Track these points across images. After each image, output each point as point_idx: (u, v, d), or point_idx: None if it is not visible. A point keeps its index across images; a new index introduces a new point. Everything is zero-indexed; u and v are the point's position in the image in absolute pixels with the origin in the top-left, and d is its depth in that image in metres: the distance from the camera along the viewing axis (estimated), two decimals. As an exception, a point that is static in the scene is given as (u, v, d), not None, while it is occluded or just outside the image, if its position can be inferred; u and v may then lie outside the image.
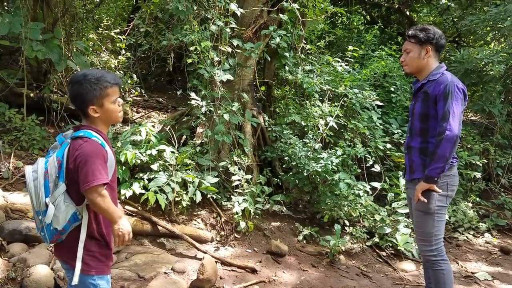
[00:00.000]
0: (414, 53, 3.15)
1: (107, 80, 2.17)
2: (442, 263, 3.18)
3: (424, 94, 3.09)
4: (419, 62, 3.15)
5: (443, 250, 3.21)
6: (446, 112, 2.92)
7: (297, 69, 6.06)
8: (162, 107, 9.14)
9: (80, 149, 2.07)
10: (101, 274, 2.22)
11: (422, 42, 3.11)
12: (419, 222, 3.20)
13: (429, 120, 3.07)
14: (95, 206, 2.09)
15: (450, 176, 3.10)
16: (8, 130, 5.71)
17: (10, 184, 4.83)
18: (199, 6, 5.29)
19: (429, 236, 3.15)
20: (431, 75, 3.11)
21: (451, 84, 2.96)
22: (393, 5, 11.72)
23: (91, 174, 2.04)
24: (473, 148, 7.02)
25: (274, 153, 5.82)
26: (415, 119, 3.18)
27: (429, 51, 3.11)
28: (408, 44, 3.18)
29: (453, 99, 2.93)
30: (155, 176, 4.65)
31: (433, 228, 3.13)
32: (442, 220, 3.17)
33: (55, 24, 6.22)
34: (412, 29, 3.20)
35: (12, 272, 3.39)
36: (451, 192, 3.13)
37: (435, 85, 3.02)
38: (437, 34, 3.11)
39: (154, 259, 4.16)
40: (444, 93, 2.94)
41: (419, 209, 3.14)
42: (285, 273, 4.43)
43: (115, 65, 7.56)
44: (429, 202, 3.06)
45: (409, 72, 3.25)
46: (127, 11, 11.08)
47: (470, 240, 5.92)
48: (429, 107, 3.05)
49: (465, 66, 7.67)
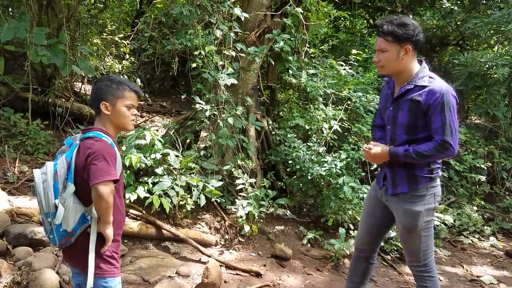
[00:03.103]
0: (392, 53, 2.66)
1: (128, 84, 2.27)
2: (428, 279, 2.90)
3: (413, 103, 2.67)
4: (397, 64, 2.69)
5: (432, 265, 2.91)
6: (447, 126, 2.57)
7: (301, 73, 6.07)
8: (166, 111, 9.16)
9: (92, 147, 2.10)
10: (113, 277, 2.23)
11: (401, 40, 2.63)
12: (405, 240, 2.92)
13: (418, 131, 2.71)
14: (101, 200, 2.07)
15: (436, 187, 2.82)
16: (13, 134, 5.74)
17: (16, 189, 4.85)
18: (203, 10, 5.31)
19: (416, 253, 2.86)
20: (417, 78, 2.69)
21: (447, 93, 2.60)
22: (396, 8, 11.73)
23: (104, 169, 2.06)
24: (478, 151, 7.00)
25: (278, 156, 5.83)
26: (398, 129, 2.79)
27: (409, 50, 2.66)
28: (384, 43, 2.67)
29: (451, 111, 2.59)
30: (159, 180, 4.66)
31: (420, 244, 2.82)
32: (430, 234, 2.85)
33: (60, 29, 6.26)
34: (386, 23, 2.66)
35: (17, 276, 3.40)
36: (437, 204, 2.85)
37: (428, 93, 2.62)
38: (416, 30, 2.66)
39: (159, 262, 4.16)
40: (442, 103, 2.57)
41: (404, 226, 2.83)
42: (289, 277, 4.43)
43: (119, 70, 7.60)
44: (417, 219, 2.75)
45: (384, 75, 2.86)
46: (131, 16, 11.13)
47: (475, 244, 5.89)
48: (418, 118, 2.67)
49: (469, 69, 7.67)
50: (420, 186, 2.76)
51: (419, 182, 2.76)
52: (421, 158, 2.65)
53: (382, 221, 3.08)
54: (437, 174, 2.81)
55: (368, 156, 2.92)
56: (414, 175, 2.77)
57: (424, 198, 2.77)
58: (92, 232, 2.15)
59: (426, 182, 2.76)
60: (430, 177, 2.77)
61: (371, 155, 2.87)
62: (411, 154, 2.66)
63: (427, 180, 2.76)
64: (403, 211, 2.82)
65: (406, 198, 2.80)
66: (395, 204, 2.88)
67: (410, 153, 2.66)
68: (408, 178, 2.79)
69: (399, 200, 2.83)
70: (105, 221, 2.15)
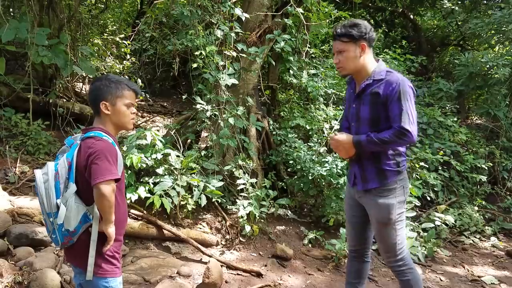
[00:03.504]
0: (349, 52, 2.81)
1: (126, 83, 2.28)
2: (408, 272, 2.99)
3: (373, 96, 2.80)
4: (356, 62, 2.83)
5: (409, 258, 3.02)
6: (403, 113, 2.68)
7: (302, 73, 6.07)
8: (167, 112, 9.17)
9: (93, 147, 2.10)
10: (114, 277, 2.23)
11: (356, 39, 2.78)
12: (380, 234, 2.97)
13: (380, 123, 2.81)
14: (103, 199, 2.07)
15: (404, 180, 2.92)
16: (14, 135, 5.74)
17: (17, 189, 4.86)
18: (204, 11, 5.32)
19: (392, 247, 2.94)
20: (375, 74, 2.83)
21: (403, 83, 2.72)
22: (397, 9, 11.74)
23: (105, 168, 2.06)
24: (479, 151, 7.00)
25: (278, 157, 5.83)
26: (362, 124, 2.88)
27: (365, 47, 2.81)
28: (341, 44, 2.83)
29: (408, 100, 2.70)
30: (160, 180, 4.66)
31: (395, 237, 2.91)
32: (403, 227, 2.96)
33: (61, 29, 6.27)
34: (340, 27, 2.85)
35: (18, 276, 3.40)
36: (407, 196, 2.97)
37: (386, 85, 2.75)
38: (368, 28, 2.82)
39: (160, 263, 4.16)
40: (398, 92, 2.69)
41: (379, 221, 2.91)
42: (290, 277, 4.43)
43: (120, 70, 7.61)
44: (389, 212, 2.85)
45: (346, 74, 2.97)
46: (132, 16, 11.15)
47: (476, 244, 5.88)
48: (380, 110, 2.79)
49: (470, 69, 7.68)
50: (390, 180, 2.86)
51: (388, 176, 2.86)
52: (383, 144, 2.74)
53: (363, 220, 3.13)
54: (403, 167, 2.92)
55: (334, 143, 2.99)
56: (383, 169, 2.86)
57: (395, 191, 2.87)
58: (93, 231, 2.15)
59: (395, 176, 2.87)
60: (398, 170, 2.88)
61: (336, 141, 2.95)
62: (373, 139, 2.75)
63: (395, 174, 2.87)
64: (376, 206, 2.90)
65: (377, 192, 2.89)
66: (367, 200, 2.96)
67: (372, 138, 2.76)
68: (377, 174, 2.88)
69: (371, 195, 2.92)
70: (107, 220, 2.15)
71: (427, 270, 4.96)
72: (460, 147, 6.87)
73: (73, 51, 6.21)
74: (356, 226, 3.16)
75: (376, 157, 2.87)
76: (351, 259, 3.30)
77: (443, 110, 7.55)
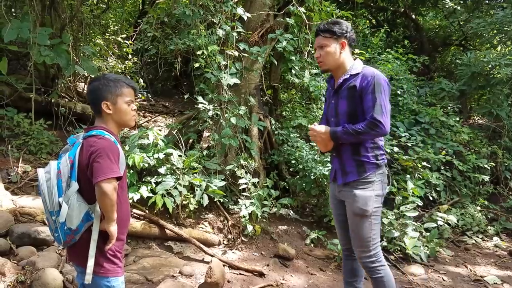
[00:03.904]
0: (330, 47, 2.92)
1: (124, 81, 2.28)
2: (380, 269, 2.97)
3: (350, 90, 2.88)
4: (335, 58, 2.94)
5: (381, 255, 3.01)
6: (377, 105, 2.74)
7: (304, 73, 6.07)
8: (169, 111, 9.18)
9: (95, 145, 2.10)
10: (116, 276, 2.23)
11: (337, 36, 2.91)
12: (355, 227, 2.97)
13: (358, 117, 2.86)
14: (105, 198, 2.07)
15: (383, 174, 2.96)
16: (17, 134, 5.75)
17: (19, 188, 4.86)
18: (206, 10, 5.32)
19: (366, 241, 2.93)
20: (352, 69, 2.92)
21: (378, 77, 2.80)
22: (399, 9, 11.72)
23: (107, 166, 2.06)
24: (481, 151, 6.98)
25: (280, 156, 5.82)
26: (341, 118, 2.95)
27: (344, 45, 2.93)
28: (323, 40, 2.94)
29: (382, 93, 2.77)
30: (162, 179, 4.66)
31: (370, 231, 2.92)
32: (378, 222, 2.97)
33: (63, 29, 6.27)
34: (323, 24, 2.99)
35: (21, 275, 3.40)
36: (385, 191, 2.98)
37: (362, 78, 2.84)
38: (349, 28, 2.94)
39: (162, 262, 4.16)
40: (372, 85, 2.77)
41: (356, 212, 2.92)
42: (293, 276, 4.42)
43: (122, 70, 7.61)
44: (367, 204, 2.88)
45: (326, 69, 3.04)
46: (133, 16, 11.16)
47: (479, 244, 5.87)
48: (357, 103, 2.86)
49: (472, 69, 7.66)
50: (369, 173, 2.90)
51: (367, 169, 2.90)
52: (357, 134, 2.78)
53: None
54: (382, 161, 2.95)
55: (312, 133, 3.03)
56: (362, 161, 2.91)
57: (373, 184, 2.91)
58: (94, 229, 2.15)
59: (374, 169, 2.90)
60: (377, 164, 2.91)
61: (314, 131, 3.00)
62: (348, 130, 2.80)
63: (374, 167, 2.90)
64: (354, 197, 2.92)
65: (356, 185, 2.92)
66: (346, 193, 2.99)
67: (347, 129, 2.81)
68: (356, 166, 2.92)
69: (350, 188, 2.95)
70: (109, 218, 2.15)
71: (430, 270, 4.94)
72: (462, 147, 6.85)
73: (75, 51, 6.22)
74: (344, 224, 3.15)
75: (355, 149, 2.92)
76: (345, 258, 3.32)
77: (445, 110, 7.55)
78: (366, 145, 2.90)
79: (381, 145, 2.95)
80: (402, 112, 7.08)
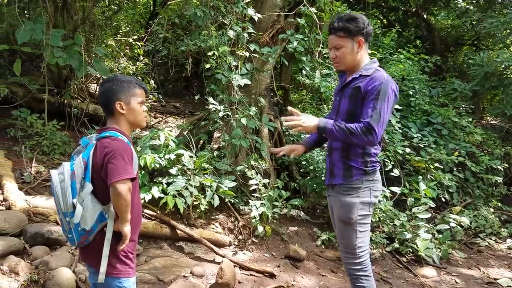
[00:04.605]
0: (346, 48, 2.72)
1: (136, 82, 2.31)
2: (364, 279, 2.84)
3: (353, 90, 2.72)
4: (353, 58, 2.75)
5: (368, 264, 2.87)
6: (376, 112, 2.58)
7: (314, 73, 6.05)
8: (180, 112, 9.22)
9: (109, 146, 2.11)
10: (127, 277, 2.24)
11: (353, 34, 2.69)
12: (341, 233, 2.89)
13: (355, 119, 2.70)
14: (120, 198, 2.08)
15: (373, 181, 2.79)
16: (30, 135, 5.81)
17: (32, 188, 4.91)
18: (217, 11, 5.33)
19: (352, 248, 2.82)
20: (363, 69, 2.74)
21: (386, 83, 2.62)
22: (411, 8, 11.64)
23: (121, 167, 2.08)
24: (494, 152, 6.91)
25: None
26: (340, 116, 2.80)
27: (362, 43, 2.72)
28: (337, 39, 2.74)
29: (385, 101, 2.60)
30: (173, 180, 4.68)
31: (356, 239, 2.79)
32: (366, 230, 2.83)
33: (75, 31, 6.33)
34: (336, 20, 2.74)
35: (34, 275, 3.44)
36: (374, 199, 2.80)
37: (369, 81, 2.66)
38: (365, 22, 2.71)
39: (173, 262, 4.18)
40: (378, 91, 2.60)
41: (340, 218, 2.82)
42: (303, 278, 4.41)
43: (133, 71, 7.66)
44: (350, 211, 2.75)
45: (343, 70, 2.86)
46: (145, 17, 11.23)
47: (492, 246, 5.81)
48: (357, 104, 2.70)
49: (485, 69, 7.59)
50: (354, 179, 2.76)
51: (354, 174, 2.76)
52: (349, 134, 2.60)
53: None
54: (372, 168, 2.78)
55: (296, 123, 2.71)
56: (350, 166, 2.77)
57: (359, 190, 2.77)
58: (108, 230, 2.17)
59: (361, 175, 2.76)
60: (364, 170, 2.76)
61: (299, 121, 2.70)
62: (341, 126, 2.62)
63: (361, 173, 2.76)
64: (339, 203, 2.83)
65: (341, 190, 2.81)
66: (333, 198, 2.90)
67: (340, 124, 2.63)
68: (343, 169, 2.80)
69: (335, 193, 2.85)
70: (124, 219, 2.16)
71: (442, 272, 4.90)
72: (475, 147, 6.78)
73: (87, 52, 6.27)
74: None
75: (345, 152, 2.78)
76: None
77: (457, 111, 7.48)
78: (357, 149, 2.75)
79: (373, 153, 2.78)
80: (414, 112, 7.03)
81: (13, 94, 5.98)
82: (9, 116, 5.87)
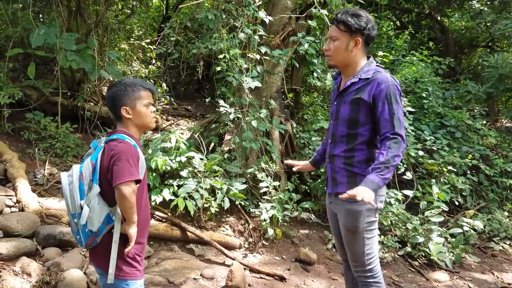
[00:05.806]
0: (341, 42, 2.60)
1: (141, 84, 2.31)
2: (375, 286, 2.76)
3: (355, 97, 2.61)
4: (345, 55, 2.63)
5: (378, 270, 2.78)
6: (396, 120, 2.49)
7: (326, 76, 6.03)
8: (191, 115, 9.26)
9: (115, 148, 2.14)
10: (134, 279, 2.26)
11: (352, 31, 2.57)
12: (348, 242, 2.78)
13: (358, 126, 2.63)
14: (124, 200, 2.10)
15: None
16: (43, 137, 5.89)
17: (45, 190, 4.97)
18: (228, 14, 5.35)
19: (360, 256, 2.73)
20: (362, 72, 2.61)
21: (392, 84, 2.53)
22: (424, 10, 11.55)
23: (126, 170, 2.10)
24: (509, 155, 6.81)
25: (302, 160, 5.79)
26: (340, 123, 2.70)
27: (359, 43, 2.59)
28: (335, 31, 2.62)
29: (397, 103, 2.52)
30: (184, 182, 4.70)
31: (363, 247, 2.70)
32: (373, 236, 2.73)
33: (89, 34, 6.41)
34: (342, 12, 2.62)
35: (46, 276, 3.48)
36: (380, 204, 2.69)
37: (373, 85, 2.55)
38: (370, 23, 2.58)
39: (184, 264, 4.19)
40: (388, 95, 2.50)
41: (346, 228, 2.72)
42: (314, 281, 4.39)
43: (145, 74, 7.72)
44: (357, 220, 2.64)
45: (332, 65, 2.73)
46: (157, 21, 11.32)
47: (506, 250, 5.71)
48: (361, 111, 2.60)
49: (499, 71, 7.50)
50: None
51: (358, 182, 2.53)
52: (393, 161, 2.45)
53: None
54: None
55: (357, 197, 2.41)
56: (354, 173, 2.67)
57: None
58: (115, 231, 2.18)
59: None
60: None
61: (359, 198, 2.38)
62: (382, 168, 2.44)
63: None
64: (344, 212, 2.72)
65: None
66: (337, 206, 2.80)
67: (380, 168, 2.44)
68: (347, 177, 2.70)
69: (340, 200, 2.65)
70: (129, 220, 2.17)
71: (455, 276, 4.83)
72: (489, 150, 6.69)
73: (100, 55, 6.34)
74: (340, 237, 2.96)
75: (348, 159, 2.69)
76: (345, 269, 3.14)
77: (471, 113, 7.39)
78: (360, 155, 2.66)
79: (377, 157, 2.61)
80: (427, 115, 6.96)
81: (27, 97, 6.06)
82: (23, 118, 5.96)
